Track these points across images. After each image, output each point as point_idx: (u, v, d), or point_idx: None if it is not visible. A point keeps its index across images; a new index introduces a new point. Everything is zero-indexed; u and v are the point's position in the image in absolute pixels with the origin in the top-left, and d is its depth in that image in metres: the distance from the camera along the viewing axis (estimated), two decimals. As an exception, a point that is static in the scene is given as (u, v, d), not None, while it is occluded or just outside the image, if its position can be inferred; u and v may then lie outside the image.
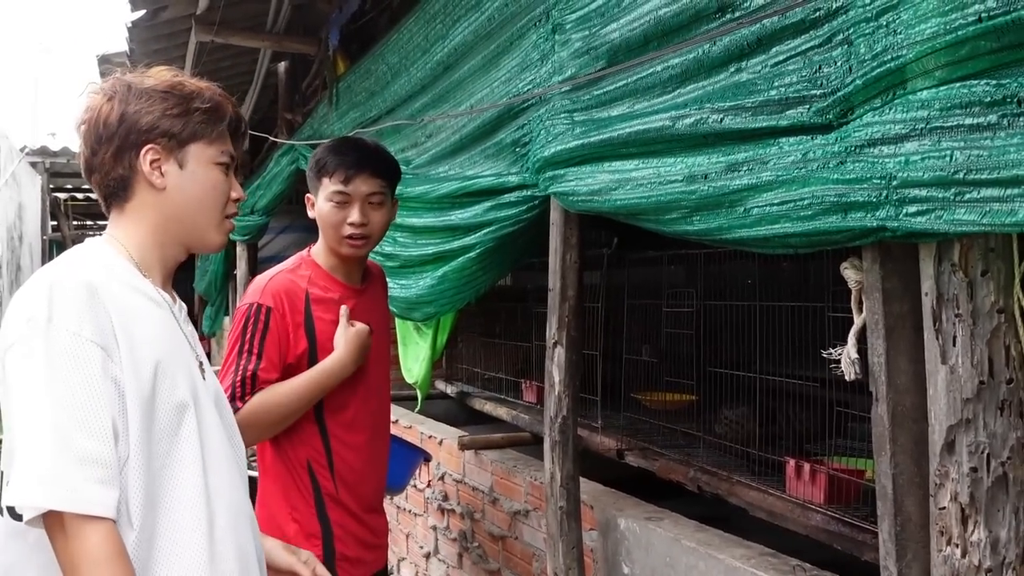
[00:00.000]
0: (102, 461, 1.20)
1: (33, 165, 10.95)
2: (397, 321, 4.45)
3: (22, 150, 10.35)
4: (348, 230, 2.16)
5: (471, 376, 4.47)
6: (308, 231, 2.25)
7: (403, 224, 3.38)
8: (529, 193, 2.54)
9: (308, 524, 2.14)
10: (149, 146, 1.39)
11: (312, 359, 2.12)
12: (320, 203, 2.20)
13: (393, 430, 4.48)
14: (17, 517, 1.25)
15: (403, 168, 3.43)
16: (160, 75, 1.44)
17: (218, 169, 1.46)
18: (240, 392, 2.03)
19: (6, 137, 9.76)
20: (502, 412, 3.87)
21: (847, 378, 1.61)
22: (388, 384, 2.41)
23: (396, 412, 4.48)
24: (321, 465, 2.16)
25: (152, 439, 1.29)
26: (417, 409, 4.43)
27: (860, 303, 1.55)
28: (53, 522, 1.19)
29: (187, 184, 1.42)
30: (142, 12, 4.46)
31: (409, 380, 4.41)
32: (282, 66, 5.66)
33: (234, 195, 1.49)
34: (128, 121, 1.38)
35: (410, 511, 4.15)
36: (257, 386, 2.05)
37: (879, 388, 1.48)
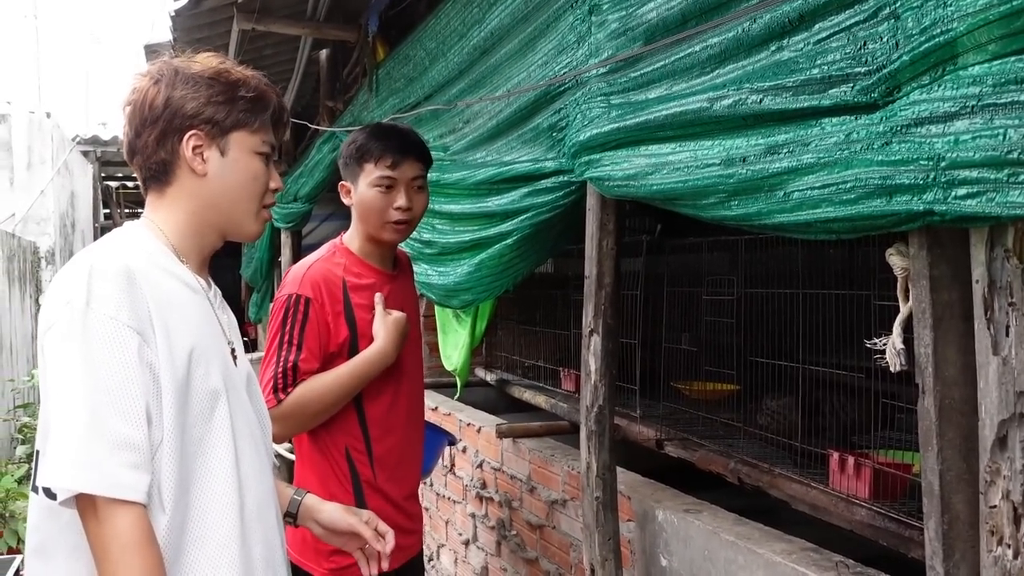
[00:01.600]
0: (135, 446, 1.21)
1: (85, 154, 11.19)
2: (436, 308, 4.44)
3: (74, 139, 10.56)
4: (395, 215, 2.15)
5: (510, 364, 4.44)
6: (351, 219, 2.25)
7: (441, 211, 3.36)
8: (566, 179, 2.49)
9: None
10: (192, 131, 1.39)
11: (353, 346, 2.12)
12: (363, 189, 2.17)
13: (429, 416, 4.50)
14: (52, 496, 1.26)
15: (441, 154, 3.42)
16: (207, 61, 1.44)
17: (259, 159, 1.46)
18: (282, 383, 2.04)
19: (58, 127, 9.97)
20: (541, 400, 3.83)
21: (892, 369, 1.54)
22: (421, 369, 2.40)
23: (435, 399, 4.48)
24: (359, 452, 2.16)
25: (186, 425, 1.30)
26: (456, 396, 4.42)
27: (906, 291, 1.48)
28: (85, 505, 1.20)
29: (228, 171, 1.42)
30: (185, 1, 4.49)
31: (448, 367, 4.40)
32: (323, 54, 5.66)
33: (273, 185, 1.49)
34: (173, 105, 1.39)
35: (449, 498, 4.15)
36: (299, 377, 2.05)
37: (926, 380, 1.41)
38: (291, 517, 1.70)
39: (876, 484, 2.01)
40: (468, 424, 3.90)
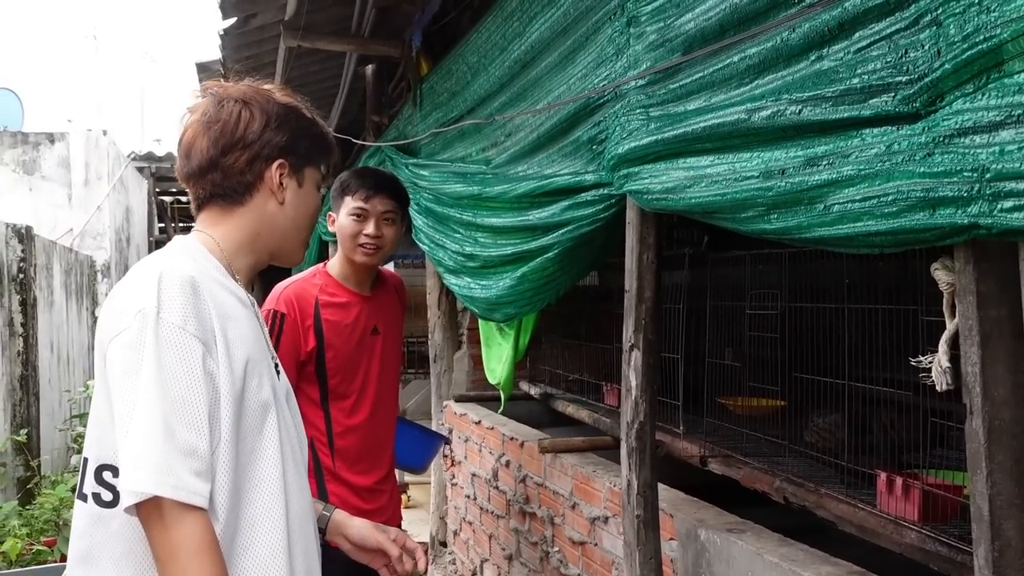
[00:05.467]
0: (199, 453, 1.24)
1: (140, 170, 11.47)
2: (480, 322, 4.44)
3: (129, 156, 10.83)
4: (364, 240, 2.54)
5: (554, 377, 4.41)
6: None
7: (483, 224, 3.36)
8: (606, 192, 2.47)
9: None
10: (281, 160, 1.47)
11: (320, 354, 2.47)
12: (341, 218, 2.58)
13: (465, 427, 4.49)
14: (104, 504, 1.27)
15: (483, 168, 3.42)
16: (281, 96, 1.52)
17: (318, 193, 1.57)
18: None
19: (114, 144, 10.23)
20: (584, 415, 3.80)
21: (938, 388, 1.49)
22: (395, 386, 2.75)
23: (479, 413, 4.47)
24: (323, 444, 2.51)
25: (240, 435, 1.33)
26: (500, 410, 4.40)
27: (953, 307, 1.43)
28: (150, 511, 1.22)
29: (300, 201, 1.52)
30: (233, 20, 4.57)
31: (492, 381, 4.39)
32: (369, 69, 5.72)
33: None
34: (269, 132, 1.46)
35: (493, 512, 4.13)
36: None
37: (973, 400, 1.36)
38: (320, 532, 1.71)
39: (926, 506, 1.94)
40: (511, 438, 3.88)
